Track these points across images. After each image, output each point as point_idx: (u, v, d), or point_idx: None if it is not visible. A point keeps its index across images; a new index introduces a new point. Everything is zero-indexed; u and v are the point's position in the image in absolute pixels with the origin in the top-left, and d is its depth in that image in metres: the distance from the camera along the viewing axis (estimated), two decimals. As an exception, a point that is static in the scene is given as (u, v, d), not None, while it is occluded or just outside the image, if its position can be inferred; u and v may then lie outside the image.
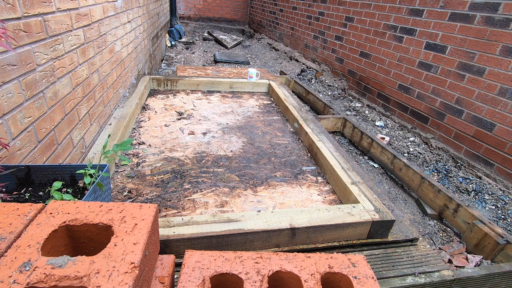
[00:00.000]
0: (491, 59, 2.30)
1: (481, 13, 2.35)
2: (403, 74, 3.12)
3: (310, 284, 0.67)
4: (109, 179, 1.07)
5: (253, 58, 5.86)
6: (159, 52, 4.62)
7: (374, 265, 1.18)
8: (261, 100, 2.92)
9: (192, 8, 8.27)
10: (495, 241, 1.61)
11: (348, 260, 0.74)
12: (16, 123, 1.04)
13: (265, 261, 0.71)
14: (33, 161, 1.14)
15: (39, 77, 1.16)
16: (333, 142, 1.97)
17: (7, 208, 0.67)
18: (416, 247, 1.29)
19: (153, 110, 2.42)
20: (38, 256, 0.55)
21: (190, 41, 6.28)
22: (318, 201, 1.54)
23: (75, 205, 0.69)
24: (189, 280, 0.65)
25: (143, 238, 0.61)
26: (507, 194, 2.16)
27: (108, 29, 1.97)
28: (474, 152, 2.45)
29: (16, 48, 1.02)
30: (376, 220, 1.24)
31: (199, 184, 1.57)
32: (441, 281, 1.14)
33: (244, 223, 1.16)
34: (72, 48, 1.45)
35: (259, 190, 1.58)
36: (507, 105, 2.19)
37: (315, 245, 1.24)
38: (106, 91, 1.95)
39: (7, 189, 0.93)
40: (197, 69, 3.60)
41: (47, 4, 1.21)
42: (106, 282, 0.52)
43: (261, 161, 1.85)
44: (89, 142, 1.69)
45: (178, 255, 1.08)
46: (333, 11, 4.45)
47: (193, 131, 2.12)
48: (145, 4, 3.31)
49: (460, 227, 1.89)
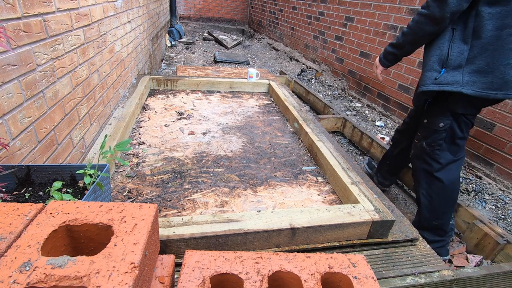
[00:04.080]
0: (491, 59, 2.29)
1: (481, 13, 2.35)
2: (403, 74, 3.12)
3: (310, 284, 0.67)
4: (109, 179, 1.07)
5: (253, 58, 5.86)
6: (159, 52, 4.62)
7: (374, 265, 1.18)
8: (261, 100, 2.92)
9: (192, 8, 8.27)
10: (495, 241, 1.61)
11: (348, 260, 0.74)
12: (16, 123, 1.04)
13: (265, 261, 0.72)
14: (33, 161, 1.14)
15: (39, 77, 1.16)
16: (333, 142, 1.97)
17: (7, 208, 0.67)
18: (416, 247, 1.30)
19: (153, 110, 2.42)
20: (38, 256, 0.56)
21: (190, 41, 6.28)
22: (318, 201, 1.54)
23: (75, 205, 0.69)
24: (189, 280, 0.65)
25: (143, 238, 0.61)
26: (507, 194, 2.16)
27: (108, 29, 1.97)
28: (474, 152, 2.45)
29: (16, 48, 1.02)
30: (376, 220, 1.24)
31: (199, 184, 1.57)
32: (441, 281, 1.14)
33: (244, 223, 1.16)
34: (72, 48, 1.45)
35: (259, 190, 1.58)
36: (507, 105, 2.19)
37: (315, 245, 1.24)
38: (106, 91, 1.95)
39: (7, 189, 0.93)
40: (197, 69, 3.60)
41: (47, 4, 1.21)
42: (106, 282, 0.52)
43: (261, 161, 1.85)
44: (89, 142, 1.69)
45: (178, 255, 1.08)
46: (333, 11, 4.45)
47: (193, 131, 2.12)
48: (145, 4, 3.31)
49: (460, 227, 1.89)
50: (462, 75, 1.35)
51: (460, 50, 1.34)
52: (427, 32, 1.38)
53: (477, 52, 1.32)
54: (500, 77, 1.31)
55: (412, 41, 1.45)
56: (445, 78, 1.37)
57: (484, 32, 1.29)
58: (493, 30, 1.28)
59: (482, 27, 1.28)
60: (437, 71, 1.39)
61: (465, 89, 1.34)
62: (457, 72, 1.35)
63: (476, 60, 1.33)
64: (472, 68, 1.34)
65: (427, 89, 1.41)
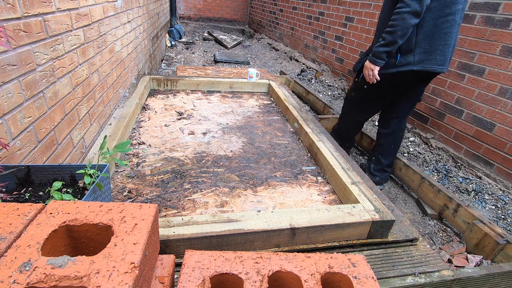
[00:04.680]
0: (491, 59, 2.30)
1: (481, 13, 2.35)
2: (403, 74, 3.12)
3: (310, 284, 0.67)
4: (109, 179, 1.07)
5: (253, 58, 5.86)
6: (159, 52, 4.62)
7: (374, 265, 1.18)
8: (261, 100, 2.92)
9: (192, 8, 8.27)
10: (495, 241, 1.61)
11: (348, 260, 0.74)
12: (16, 123, 1.04)
13: (265, 261, 0.72)
14: (33, 161, 1.14)
15: (39, 77, 1.16)
16: (333, 142, 1.97)
17: (7, 208, 0.67)
18: (416, 247, 1.30)
19: (153, 110, 2.42)
20: (38, 256, 0.55)
21: (190, 41, 6.28)
22: (318, 201, 1.54)
23: (75, 205, 0.69)
24: (189, 280, 0.65)
25: (143, 238, 0.61)
26: (507, 194, 2.16)
27: (108, 29, 1.97)
28: (474, 152, 2.45)
29: (16, 48, 1.02)
30: (376, 220, 1.24)
31: (199, 184, 1.57)
32: (441, 281, 1.14)
33: (244, 223, 1.16)
34: (72, 48, 1.45)
35: (259, 190, 1.58)
36: (507, 105, 2.19)
37: (315, 245, 1.24)
38: (106, 91, 1.95)
39: (7, 189, 0.93)
40: (197, 69, 3.60)
41: (47, 4, 1.21)
42: (106, 282, 0.52)
43: (261, 161, 1.85)
44: (89, 142, 1.69)
45: (178, 255, 1.08)
46: (333, 11, 4.45)
47: (193, 131, 2.12)
48: (145, 4, 3.31)
49: (460, 227, 1.89)
50: (413, 56, 1.75)
51: (409, 38, 1.72)
52: (412, 24, 1.67)
53: (421, 38, 1.72)
54: (441, 55, 1.73)
55: (402, 35, 1.71)
56: (400, 62, 1.79)
57: (425, 22, 1.68)
58: (431, 20, 1.68)
59: (423, 17, 1.67)
60: (393, 57, 1.80)
61: (416, 67, 1.76)
62: (409, 55, 1.76)
63: (422, 44, 1.73)
64: (420, 50, 1.74)
65: (388, 72, 1.84)
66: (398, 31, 1.68)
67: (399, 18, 1.66)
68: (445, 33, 1.68)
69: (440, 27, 1.68)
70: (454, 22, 1.68)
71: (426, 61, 1.74)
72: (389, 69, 1.81)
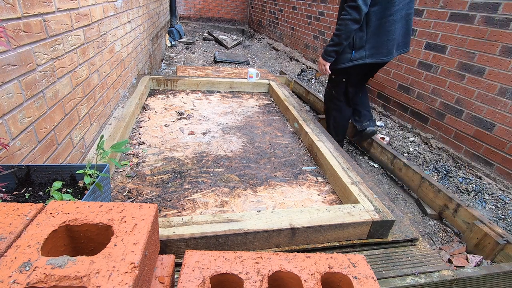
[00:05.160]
0: (491, 59, 2.30)
1: (481, 13, 2.36)
2: (403, 74, 3.13)
3: (310, 284, 0.67)
4: (108, 179, 1.07)
5: (253, 58, 5.86)
6: (159, 52, 4.62)
7: (374, 265, 1.18)
8: (261, 100, 2.92)
9: (192, 8, 8.27)
10: (495, 241, 1.61)
11: (348, 260, 0.74)
12: (16, 123, 1.04)
13: (265, 261, 0.71)
14: (33, 161, 1.14)
15: (39, 77, 1.16)
16: (333, 142, 1.97)
17: (7, 208, 0.67)
18: (416, 247, 1.30)
19: (153, 110, 2.42)
20: (38, 256, 0.55)
21: (190, 41, 6.28)
22: (318, 201, 1.54)
23: (75, 205, 0.69)
24: (189, 280, 0.65)
25: (143, 238, 0.61)
26: (507, 194, 2.16)
27: (108, 29, 1.97)
28: (474, 152, 2.45)
29: (16, 48, 1.02)
30: (376, 220, 1.24)
31: (199, 184, 1.57)
32: (441, 281, 1.14)
33: (244, 223, 1.16)
34: (72, 48, 1.45)
35: (259, 190, 1.58)
36: (507, 105, 2.19)
37: (315, 245, 1.24)
38: (106, 91, 1.95)
39: (7, 189, 0.93)
40: (197, 69, 3.60)
41: (47, 4, 1.21)
42: (106, 282, 0.52)
43: (261, 161, 1.85)
44: (89, 142, 1.69)
45: (178, 255, 1.08)
46: (333, 11, 4.45)
47: (193, 131, 2.12)
48: (145, 4, 3.31)
49: (460, 227, 1.89)
50: (365, 51, 2.10)
51: (360, 36, 2.06)
52: (353, 29, 2.01)
53: (370, 36, 2.05)
54: (386, 48, 2.08)
55: (346, 38, 2.05)
56: (355, 56, 2.12)
57: (371, 22, 2.01)
58: (376, 21, 2.01)
59: (370, 20, 2.00)
60: (349, 53, 2.13)
61: (367, 60, 2.11)
62: (362, 51, 2.10)
63: (370, 41, 2.07)
64: (369, 46, 2.08)
65: (346, 66, 2.17)
66: (343, 35, 2.03)
67: (343, 24, 2.00)
68: (387, 30, 2.03)
69: (383, 26, 2.02)
70: (394, 21, 2.01)
71: (375, 55, 2.10)
72: (347, 63, 2.17)
